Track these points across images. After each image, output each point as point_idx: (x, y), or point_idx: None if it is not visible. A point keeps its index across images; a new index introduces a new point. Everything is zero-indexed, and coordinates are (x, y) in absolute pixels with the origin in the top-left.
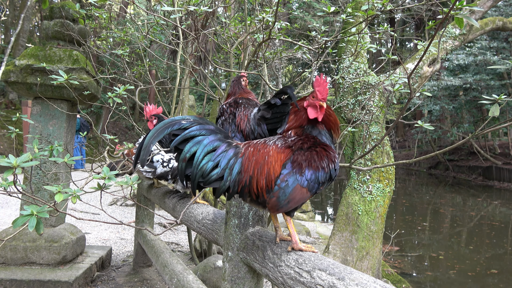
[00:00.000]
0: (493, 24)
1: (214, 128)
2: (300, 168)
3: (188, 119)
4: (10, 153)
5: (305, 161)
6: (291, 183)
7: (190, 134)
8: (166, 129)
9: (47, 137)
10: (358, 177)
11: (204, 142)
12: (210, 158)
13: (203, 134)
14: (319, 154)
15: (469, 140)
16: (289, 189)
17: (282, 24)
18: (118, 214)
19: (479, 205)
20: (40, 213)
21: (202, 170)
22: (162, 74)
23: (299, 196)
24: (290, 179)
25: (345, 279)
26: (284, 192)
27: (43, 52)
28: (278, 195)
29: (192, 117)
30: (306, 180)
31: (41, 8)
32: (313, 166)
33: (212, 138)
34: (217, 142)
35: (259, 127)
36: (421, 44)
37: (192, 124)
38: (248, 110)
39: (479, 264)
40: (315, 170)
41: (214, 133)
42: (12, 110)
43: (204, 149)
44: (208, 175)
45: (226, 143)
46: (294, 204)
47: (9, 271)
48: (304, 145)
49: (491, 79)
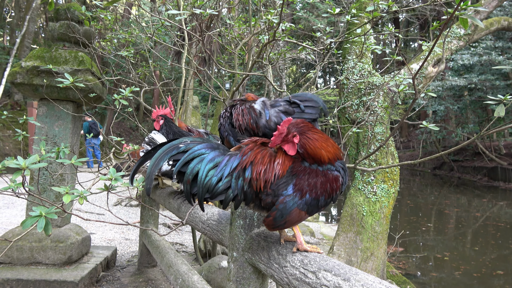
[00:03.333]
0: (498, 24)
1: (212, 145)
2: (301, 193)
3: (185, 141)
4: (16, 154)
5: (308, 187)
6: (289, 206)
7: (190, 157)
8: (165, 156)
9: (52, 138)
10: (362, 178)
11: (205, 161)
12: (214, 174)
13: (202, 153)
14: (323, 183)
15: (474, 141)
16: (287, 211)
17: (286, 25)
18: (123, 215)
19: (484, 206)
20: (48, 214)
21: (207, 186)
22: (166, 75)
23: (296, 218)
24: (290, 202)
25: (351, 280)
26: (281, 214)
27: (49, 54)
28: (275, 216)
29: (189, 138)
30: (306, 204)
31: (46, 10)
32: (314, 192)
33: (212, 155)
34: (217, 158)
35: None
36: (425, 44)
37: (189, 145)
38: (245, 104)
39: (484, 265)
40: (316, 197)
41: (214, 150)
42: (18, 111)
43: (206, 167)
44: (214, 189)
45: (228, 156)
46: (291, 224)
47: (16, 271)
48: (310, 174)
49: (496, 79)
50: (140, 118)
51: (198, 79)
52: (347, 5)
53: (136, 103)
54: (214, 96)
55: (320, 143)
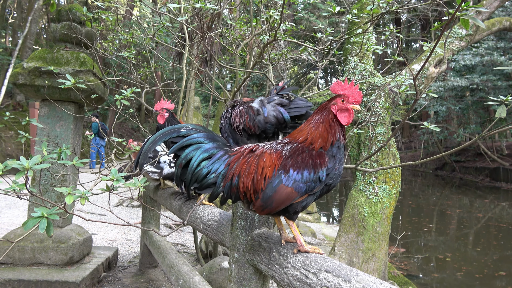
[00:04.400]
0: (500, 25)
1: (212, 136)
2: (284, 170)
3: (187, 127)
4: (18, 155)
5: (290, 161)
6: (275, 184)
7: (188, 142)
8: (165, 137)
9: (54, 138)
10: (364, 179)
11: (200, 149)
12: (205, 165)
13: (201, 142)
14: (305, 158)
15: (476, 142)
16: (273, 189)
17: (287, 25)
18: (124, 215)
19: (486, 206)
20: (50, 215)
21: (196, 176)
22: (167, 76)
23: (284, 196)
24: (275, 180)
25: (352, 281)
26: (267, 192)
27: (50, 55)
28: (263, 196)
29: (191, 125)
30: (291, 179)
31: (48, 11)
32: (297, 166)
33: (209, 146)
34: (213, 149)
35: (269, 105)
36: (427, 45)
37: (190, 132)
38: (242, 106)
39: (486, 266)
40: (300, 169)
41: (212, 141)
42: (20, 112)
43: (199, 156)
44: (202, 181)
45: (223, 151)
46: (279, 204)
47: (17, 272)
48: (296, 152)
49: (498, 79)
50: (142, 118)
51: (199, 80)
52: (348, 6)
53: (138, 104)
54: (216, 96)
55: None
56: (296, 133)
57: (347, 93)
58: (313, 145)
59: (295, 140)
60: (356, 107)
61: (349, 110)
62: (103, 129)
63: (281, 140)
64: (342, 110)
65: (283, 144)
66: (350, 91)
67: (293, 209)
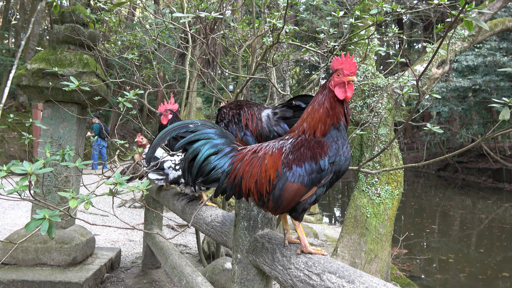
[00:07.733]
0: (502, 25)
1: (220, 132)
2: (288, 167)
3: (196, 123)
4: (21, 156)
5: (292, 157)
6: (282, 183)
7: (196, 137)
8: (174, 132)
9: (57, 140)
10: (366, 180)
11: (208, 145)
12: (211, 160)
13: (209, 138)
14: (304, 150)
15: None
16: (280, 188)
17: (290, 27)
18: (127, 216)
19: (489, 207)
20: (52, 217)
21: (202, 170)
22: (170, 77)
23: (292, 193)
24: (281, 179)
25: (355, 282)
26: (275, 193)
27: (54, 56)
28: (273, 197)
29: (200, 121)
30: (296, 175)
31: (51, 12)
32: (297, 160)
33: (217, 141)
34: (220, 145)
35: (277, 127)
36: (429, 46)
37: (199, 127)
38: (252, 109)
39: (489, 267)
40: (301, 163)
41: (220, 137)
42: (23, 113)
43: (206, 151)
44: (207, 176)
45: (230, 147)
46: (289, 201)
47: (21, 272)
48: (296, 147)
49: (500, 80)
50: (144, 119)
51: (201, 81)
52: (351, 7)
53: (140, 105)
54: (218, 97)
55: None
56: (299, 122)
57: (342, 66)
58: (314, 133)
59: (296, 132)
60: (352, 78)
61: (345, 83)
62: (105, 129)
63: (283, 137)
64: (338, 84)
65: (284, 141)
66: (345, 64)
67: (301, 207)
